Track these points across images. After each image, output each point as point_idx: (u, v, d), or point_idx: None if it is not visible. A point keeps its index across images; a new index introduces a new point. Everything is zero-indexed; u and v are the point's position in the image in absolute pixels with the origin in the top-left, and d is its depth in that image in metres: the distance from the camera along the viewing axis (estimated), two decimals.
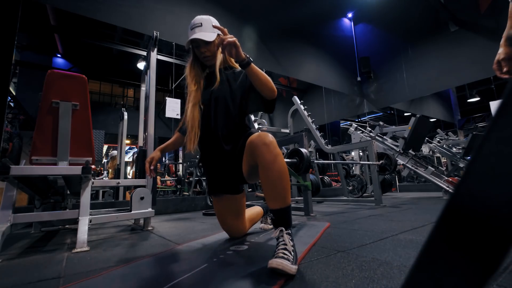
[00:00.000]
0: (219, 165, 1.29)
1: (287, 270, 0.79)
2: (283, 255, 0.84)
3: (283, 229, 0.93)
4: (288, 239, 0.90)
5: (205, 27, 1.24)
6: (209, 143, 1.29)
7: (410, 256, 0.94)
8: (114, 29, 6.51)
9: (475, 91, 8.63)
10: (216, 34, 1.25)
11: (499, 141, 0.22)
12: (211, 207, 3.15)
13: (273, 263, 0.81)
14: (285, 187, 0.96)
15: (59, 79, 1.50)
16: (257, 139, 1.00)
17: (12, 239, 1.69)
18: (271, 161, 0.95)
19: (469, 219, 0.23)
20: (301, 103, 3.85)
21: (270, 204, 0.97)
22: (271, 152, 0.96)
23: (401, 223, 1.65)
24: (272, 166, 0.95)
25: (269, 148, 0.96)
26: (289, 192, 0.98)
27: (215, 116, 1.26)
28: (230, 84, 1.28)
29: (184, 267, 0.96)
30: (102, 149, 3.48)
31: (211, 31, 1.25)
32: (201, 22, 1.25)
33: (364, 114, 7.16)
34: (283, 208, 0.95)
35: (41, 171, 1.40)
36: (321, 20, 5.47)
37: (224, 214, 1.36)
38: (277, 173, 0.95)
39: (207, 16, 1.29)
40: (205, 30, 1.24)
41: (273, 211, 0.96)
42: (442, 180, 3.35)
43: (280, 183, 0.95)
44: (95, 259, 1.14)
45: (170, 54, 5.33)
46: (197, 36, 1.22)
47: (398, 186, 5.73)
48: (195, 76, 1.29)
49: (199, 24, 1.25)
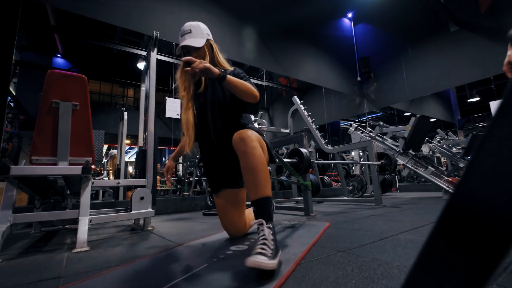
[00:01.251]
0: (218, 162, 1.38)
1: (264, 267, 0.77)
2: (261, 250, 0.82)
3: (263, 222, 0.93)
4: (269, 233, 0.90)
5: (194, 33, 1.33)
6: (207, 143, 1.39)
7: (410, 256, 0.94)
8: (114, 29, 6.52)
9: (475, 91, 8.63)
10: (205, 40, 1.34)
11: (499, 141, 0.22)
12: (211, 207, 3.15)
13: (248, 262, 0.78)
14: (262, 177, 1.00)
15: (59, 79, 1.50)
16: (236, 135, 1.08)
17: (12, 239, 1.69)
18: (247, 153, 1.02)
19: (469, 219, 0.23)
20: (301, 103, 3.85)
21: (250, 195, 1.02)
22: (247, 145, 1.03)
23: (401, 223, 1.65)
24: (248, 157, 1.02)
25: (245, 141, 1.03)
26: (268, 184, 1.02)
27: (212, 117, 1.33)
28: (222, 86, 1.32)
29: (184, 267, 0.96)
30: (102, 149, 3.48)
31: (200, 37, 1.34)
32: (190, 29, 1.33)
33: (364, 114, 7.16)
34: (260, 199, 0.98)
35: (41, 171, 1.40)
36: (321, 20, 5.47)
37: (225, 207, 1.38)
38: (253, 164, 1.01)
39: (196, 22, 1.37)
40: (195, 36, 1.32)
41: (253, 202, 1.00)
42: (442, 180, 3.35)
43: (257, 173, 1.00)
44: (95, 259, 1.14)
45: (170, 54, 5.34)
46: (187, 42, 1.30)
47: (398, 186, 5.73)
48: (185, 81, 1.32)
49: (189, 31, 1.33)
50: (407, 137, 3.80)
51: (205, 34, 1.36)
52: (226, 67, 1.37)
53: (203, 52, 1.32)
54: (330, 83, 5.79)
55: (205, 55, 1.32)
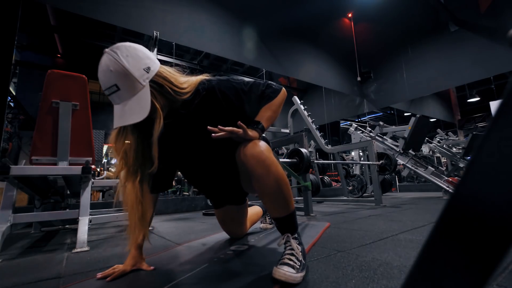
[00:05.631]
0: (215, 183, 1.11)
1: (290, 281, 0.73)
2: (289, 262, 0.78)
3: (289, 235, 0.86)
4: (296, 244, 0.84)
5: (125, 89, 0.76)
6: (192, 167, 1.08)
7: (410, 256, 0.94)
8: (114, 29, 6.51)
9: (475, 91, 8.64)
10: (146, 87, 0.78)
11: (499, 141, 0.22)
12: (211, 207, 3.15)
13: (276, 273, 0.74)
14: (286, 195, 0.85)
15: (59, 79, 1.50)
16: (245, 151, 0.83)
17: (12, 239, 1.69)
18: (264, 174, 0.81)
19: (469, 219, 0.23)
20: (301, 103, 3.85)
21: (272, 214, 0.87)
22: (261, 164, 0.81)
23: (401, 223, 1.65)
24: (266, 179, 0.81)
25: (258, 160, 0.81)
26: (291, 198, 0.87)
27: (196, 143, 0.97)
28: (201, 113, 0.92)
29: (184, 267, 0.96)
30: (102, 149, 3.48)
31: (136, 90, 0.77)
32: (115, 83, 0.76)
33: (364, 114, 7.16)
34: (286, 216, 0.86)
35: (41, 171, 1.40)
36: (321, 20, 5.46)
37: (225, 219, 1.33)
38: (274, 184, 0.82)
39: (118, 63, 0.75)
40: (126, 93, 0.77)
41: (277, 219, 0.87)
42: (442, 180, 3.35)
43: (279, 194, 0.84)
44: (95, 259, 1.14)
45: (170, 54, 5.33)
46: (121, 121, 0.77)
47: (398, 186, 5.73)
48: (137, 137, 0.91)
49: (114, 88, 0.76)
50: (407, 137, 3.80)
51: (143, 76, 0.78)
52: (185, 88, 0.88)
53: (152, 111, 0.79)
54: (330, 83, 5.79)
55: (155, 111, 0.81)
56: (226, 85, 0.92)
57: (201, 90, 0.91)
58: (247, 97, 0.93)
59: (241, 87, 0.93)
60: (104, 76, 0.76)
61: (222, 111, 0.91)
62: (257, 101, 0.94)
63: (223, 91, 0.91)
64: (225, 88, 0.92)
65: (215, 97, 0.90)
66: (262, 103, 0.94)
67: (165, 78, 0.84)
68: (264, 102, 0.94)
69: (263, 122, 0.91)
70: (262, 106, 0.93)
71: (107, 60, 0.76)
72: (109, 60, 0.75)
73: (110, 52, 0.76)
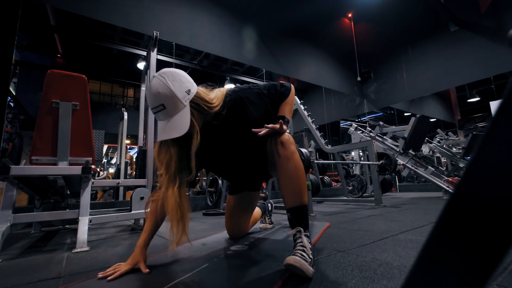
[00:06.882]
0: (241, 166, 1.20)
1: (305, 270, 0.75)
2: (302, 256, 0.79)
3: (301, 230, 0.89)
4: (307, 241, 0.86)
5: (170, 108, 0.88)
6: (226, 164, 1.20)
7: (410, 256, 0.94)
8: (114, 29, 6.52)
9: (475, 91, 8.64)
10: (187, 106, 0.90)
11: (499, 141, 0.22)
12: (211, 207, 3.15)
13: (291, 259, 0.76)
14: (301, 185, 0.94)
15: (59, 79, 1.50)
16: (276, 141, 0.97)
17: (12, 239, 1.69)
18: (287, 157, 0.95)
19: (469, 219, 0.23)
20: (301, 103, 3.85)
21: (287, 202, 0.95)
22: (286, 149, 0.95)
23: (401, 223, 1.65)
24: (288, 163, 0.94)
25: (285, 145, 0.96)
26: (306, 191, 0.96)
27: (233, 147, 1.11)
28: (234, 122, 1.05)
29: (184, 267, 0.96)
30: (102, 149, 3.48)
31: (180, 109, 0.89)
32: (162, 103, 0.87)
33: (364, 114, 7.16)
34: (300, 206, 0.93)
35: (41, 171, 1.40)
36: (321, 20, 5.46)
37: (237, 207, 1.36)
38: (293, 169, 0.94)
39: (166, 85, 0.87)
40: (172, 111, 0.88)
41: (290, 209, 0.93)
42: (442, 180, 3.35)
43: (296, 180, 0.94)
44: (95, 259, 1.14)
45: (170, 54, 5.33)
46: (165, 135, 0.88)
47: (398, 186, 5.73)
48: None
49: (161, 107, 0.88)
50: (407, 137, 3.80)
51: (185, 98, 0.90)
52: (215, 103, 0.99)
53: (190, 126, 0.89)
54: (330, 83, 5.79)
55: (193, 127, 0.92)
56: (249, 92, 1.07)
57: (228, 101, 1.04)
58: (268, 98, 1.09)
59: (261, 91, 1.09)
60: (154, 97, 0.88)
61: (249, 115, 1.05)
62: (277, 99, 1.10)
63: (248, 98, 1.05)
64: (249, 94, 1.06)
65: (243, 104, 1.04)
66: (281, 100, 1.11)
67: (201, 98, 0.96)
68: (282, 99, 1.11)
69: (287, 115, 1.07)
70: (281, 102, 1.10)
71: (156, 84, 0.88)
72: (158, 84, 0.88)
73: (159, 77, 0.89)
